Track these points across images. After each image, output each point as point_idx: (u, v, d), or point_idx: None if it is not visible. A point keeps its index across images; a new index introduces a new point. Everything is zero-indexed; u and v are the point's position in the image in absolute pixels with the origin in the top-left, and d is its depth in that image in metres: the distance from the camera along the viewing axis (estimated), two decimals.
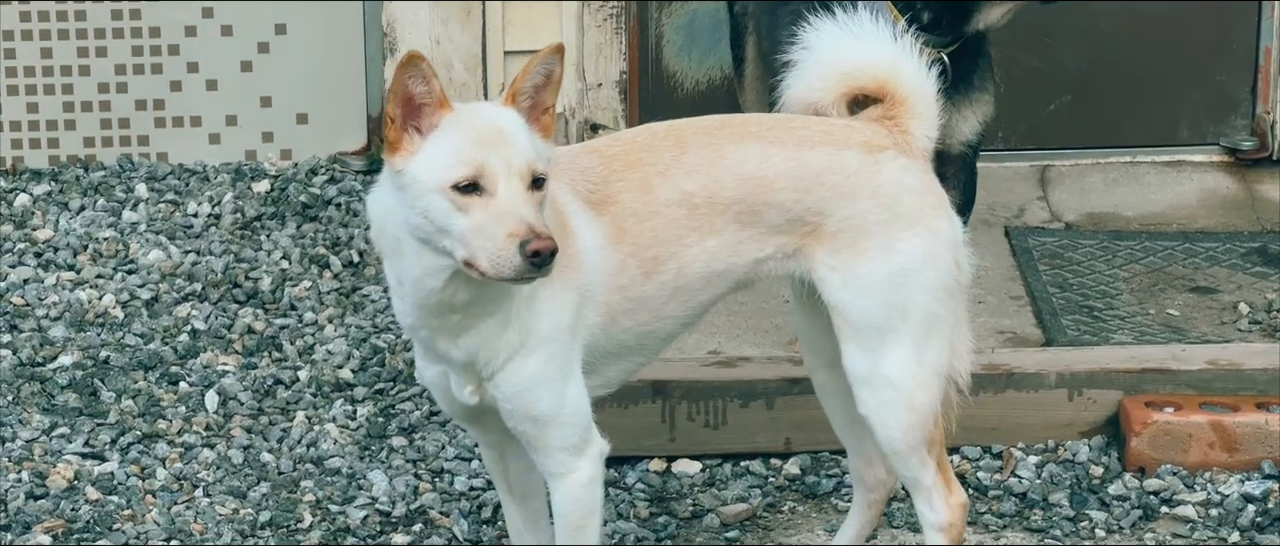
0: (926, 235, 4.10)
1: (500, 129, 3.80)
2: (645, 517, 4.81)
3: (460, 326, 3.92)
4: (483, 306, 3.89)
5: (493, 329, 3.92)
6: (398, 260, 3.90)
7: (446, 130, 3.80)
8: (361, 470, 4.96)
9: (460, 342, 3.94)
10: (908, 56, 4.14)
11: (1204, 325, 5.47)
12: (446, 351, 3.96)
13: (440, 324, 3.92)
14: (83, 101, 6.39)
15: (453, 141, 3.78)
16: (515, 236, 3.70)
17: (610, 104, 6.26)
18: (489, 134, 3.78)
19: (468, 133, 3.79)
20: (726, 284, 4.13)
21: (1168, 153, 6.41)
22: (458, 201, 3.74)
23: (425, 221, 3.78)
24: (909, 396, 4.12)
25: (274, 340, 5.51)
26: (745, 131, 4.12)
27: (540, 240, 3.69)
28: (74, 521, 4.76)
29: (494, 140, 3.77)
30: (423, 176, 3.78)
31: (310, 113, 6.43)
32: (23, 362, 5.37)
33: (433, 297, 3.88)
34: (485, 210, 3.73)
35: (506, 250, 3.70)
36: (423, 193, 3.77)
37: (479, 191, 3.75)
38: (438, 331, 3.94)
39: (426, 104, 3.81)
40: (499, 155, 3.76)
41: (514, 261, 3.70)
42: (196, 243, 5.93)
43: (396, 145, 3.82)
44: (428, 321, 3.93)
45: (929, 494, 4.23)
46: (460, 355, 3.96)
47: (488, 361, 3.95)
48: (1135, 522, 4.78)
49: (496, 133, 3.79)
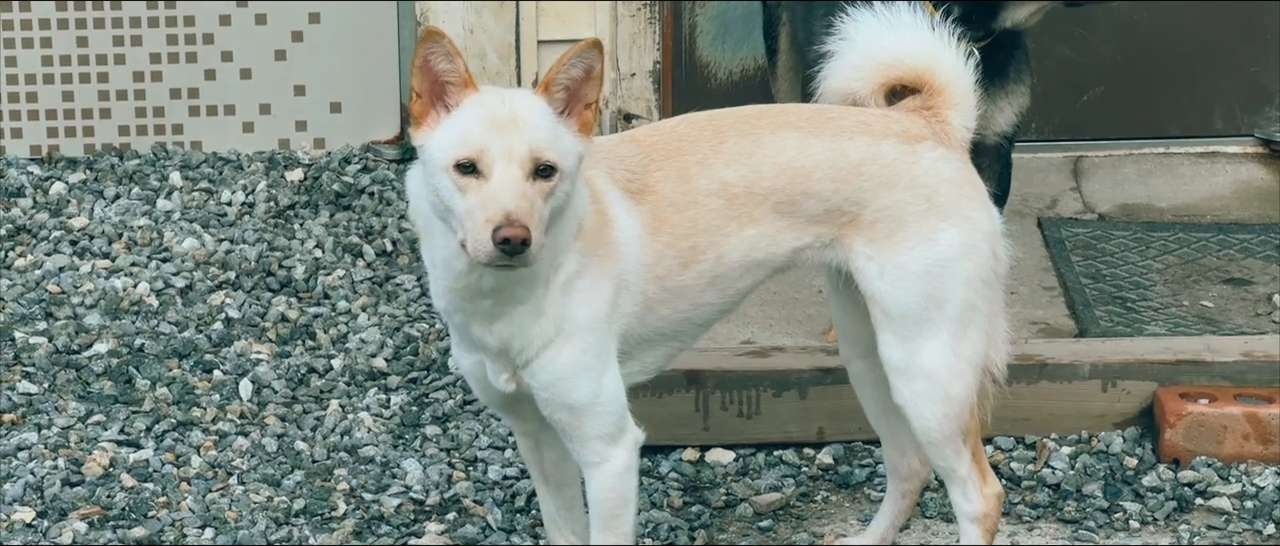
0: (964, 225, 4.10)
1: (514, 114, 3.79)
2: (679, 506, 4.81)
3: (492, 312, 3.92)
4: (512, 293, 3.90)
5: (525, 316, 3.93)
6: (430, 240, 3.92)
7: (463, 110, 3.82)
8: (395, 458, 4.97)
9: (494, 329, 3.94)
10: (946, 47, 4.13)
11: (1238, 317, 5.45)
12: (481, 337, 3.97)
13: (473, 308, 3.93)
14: (118, 90, 6.41)
15: (464, 122, 3.79)
16: (490, 222, 3.70)
17: (644, 94, 6.26)
18: (501, 118, 3.78)
19: (479, 114, 3.80)
20: (764, 272, 4.13)
21: (1202, 144, 6.39)
22: (459, 182, 3.76)
23: (437, 199, 3.81)
24: (945, 386, 4.12)
25: (308, 328, 5.52)
26: (783, 121, 4.12)
27: (511, 227, 3.68)
28: (109, 508, 4.78)
29: (503, 124, 3.77)
30: (434, 153, 3.80)
31: (344, 101, 6.45)
32: (58, 350, 5.40)
33: (460, 281, 3.89)
34: (478, 193, 3.74)
35: (483, 235, 3.70)
36: (435, 169, 3.80)
37: (477, 174, 3.75)
38: (471, 316, 3.94)
39: (452, 82, 3.82)
40: (502, 140, 3.76)
41: (487, 247, 3.70)
42: (230, 231, 5.95)
43: (419, 119, 3.85)
44: (461, 306, 3.94)
45: (964, 484, 4.23)
46: (494, 342, 3.96)
47: (521, 349, 3.96)
48: (1169, 514, 4.77)
49: (509, 118, 3.78)
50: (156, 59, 6.40)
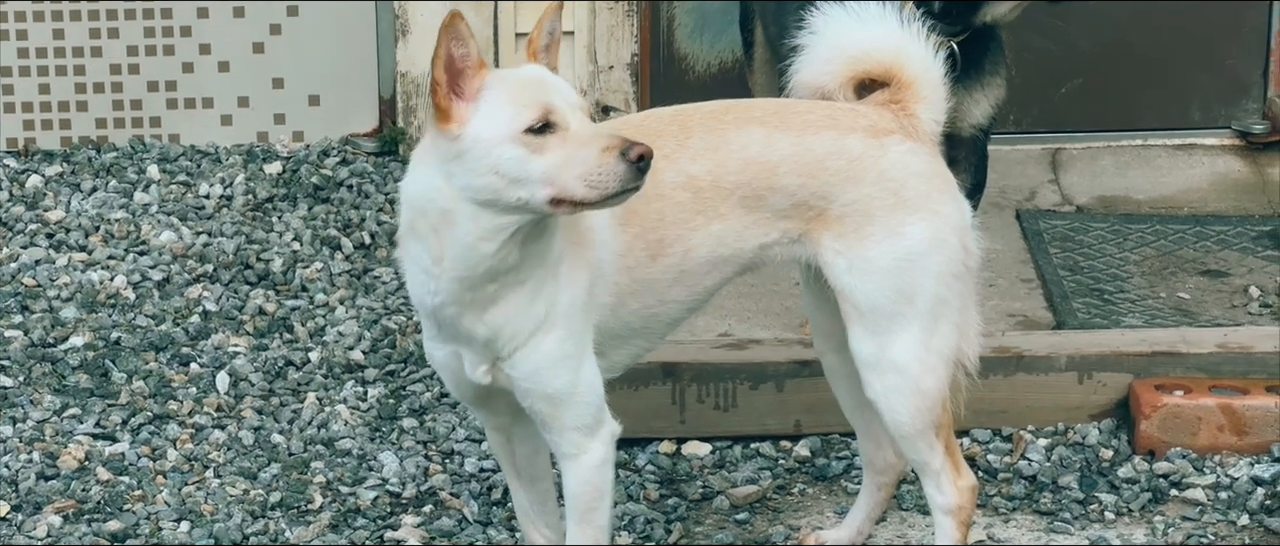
0: (933, 219, 4.10)
1: (543, 77, 3.86)
2: (655, 499, 4.81)
3: (493, 298, 3.91)
4: (522, 273, 3.89)
5: (522, 300, 3.92)
6: (443, 235, 3.85)
7: (496, 87, 3.81)
8: (372, 451, 4.97)
9: (487, 318, 3.93)
10: (914, 41, 4.13)
11: (1214, 308, 5.46)
12: (471, 328, 3.95)
13: (474, 298, 3.91)
14: (95, 83, 6.40)
15: (509, 92, 3.80)
16: (612, 149, 3.73)
17: (622, 86, 6.25)
18: (538, 81, 3.83)
19: (520, 82, 3.83)
20: (732, 268, 4.13)
21: (1179, 136, 6.40)
22: (532, 144, 3.76)
23: (496, 178, 3.77)
24: (916, 381, 4.12)
25: (285, 321, 5.52)
26: (749, 116, 4.12)
27: (638, 146, 3.74)
28: (85, 502, 4.77)
29: (546, 84, 3.83)
30: (488, 133, 3.78)
31: (322, 94, 6.44)
32: (34, 343, 5.39)
33: (484, 263, 3.85)
34: (564, 143, 3.76)
35: (606, 163, 3.73)
36: (490, 148, 3.77)
37: (552, 129, 3.77)
38: (468, 307, 3.92)
39: (466, 68, 3.81)
40: (558, 95, 3.81)
41: (618, 171, 3.73)
42: (208, 224, 5.94)
43: (447, 113, 3.81)
44: (461, 297, 3.91)
45: (937, 477, 4.23)
46: (485, 331, 3.94)
47: (511, 336, 3.95)
48: (1144, 505, 4.78)
49: (543, 79, 3.85)
50: (134, 51, 6.39)
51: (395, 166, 6.25)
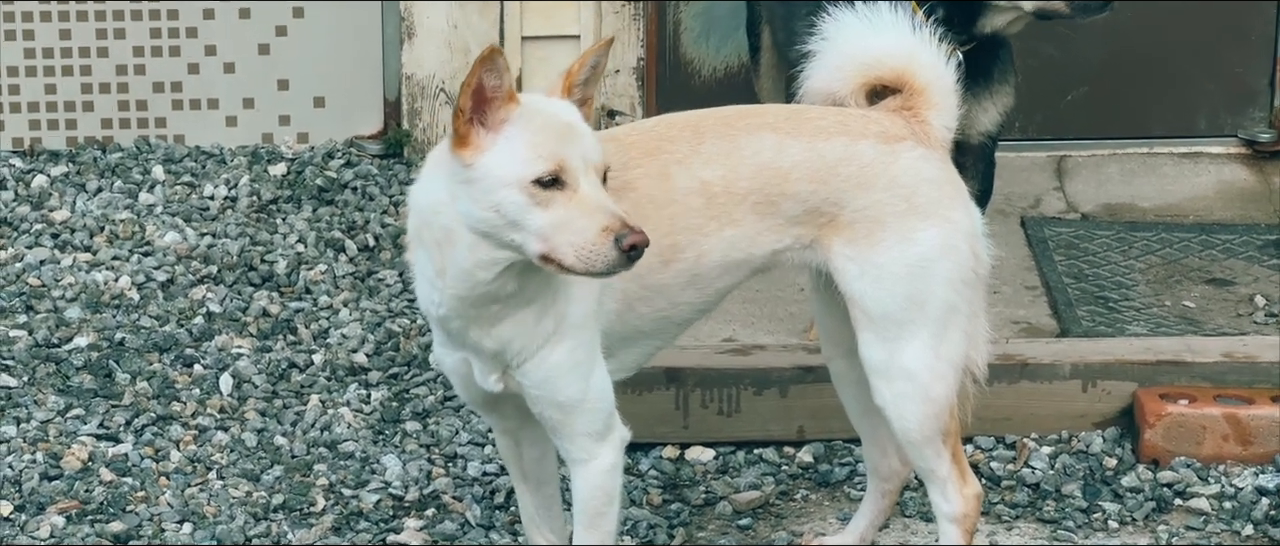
0: (944, 225, 4.10)
1: (571, 124, 3.79)
2: (658, 504, 4.81)
3: (497, 316, 3.90)
4: (526, 296, 3.88)
5: (529, 318, 3.91)
6: (445, 251, 3.84)
7: (520, 125, 3.76)
8: (375, 454, 4.97)
9: (494, 332, 3.92)
10: (926, 47, 4.13)
11: (1220, 317, 5.46)
12: (478, 341, 3.94)
13: (477, 314, 3.91)
14: (101, 83, 6.40)
15: (530, 136, 3.74)
16: (610, 231, 3.69)
17: (628, 90, 6.25)
18: (563, 129, 3.77)
19: (543, 127, 3.76)
20: (743, 273, 4.13)
21: (1185, 144, 6.40)
22: (538, 196, 3.72)
23: (495, 215, 3.75)
24: (925, 387, 4.12)
25: (289, 323, 5.52)
26: (762, 122, 4.11)
27: (635, 234, 3.69)
28: (88, 502, 4.77)
29: (569, 135, 3.76)
30: (498, 171, 3.74)
31: (327, 96, 6.44)
32: (38, 343, 5.39)
33: (479, 289, 3.85)
34: (568, 205, 3.71)
35: (601, 244, 3.68)
36: (496, 187, 3.73)
37: (560, 186, 3.73)
38: (473, 322, 3.92)
39: (495, 98, 3.76)
40: (577, 150, 3.75)
41: (608, 256, 3.69)
42: (212, 225, 5.94)
43: (466, 139, 3.77)
44: (464, 312, 3.91)
45: (943, 484, 4.23)
46: (492, 344, 3.94)
47: (520, 350, 3.94)
48: (1148, 514, 4.77)
49: (569, 128, 3.78)
50: (140, 52, 6.39)
51: (400, 169, 6.24)
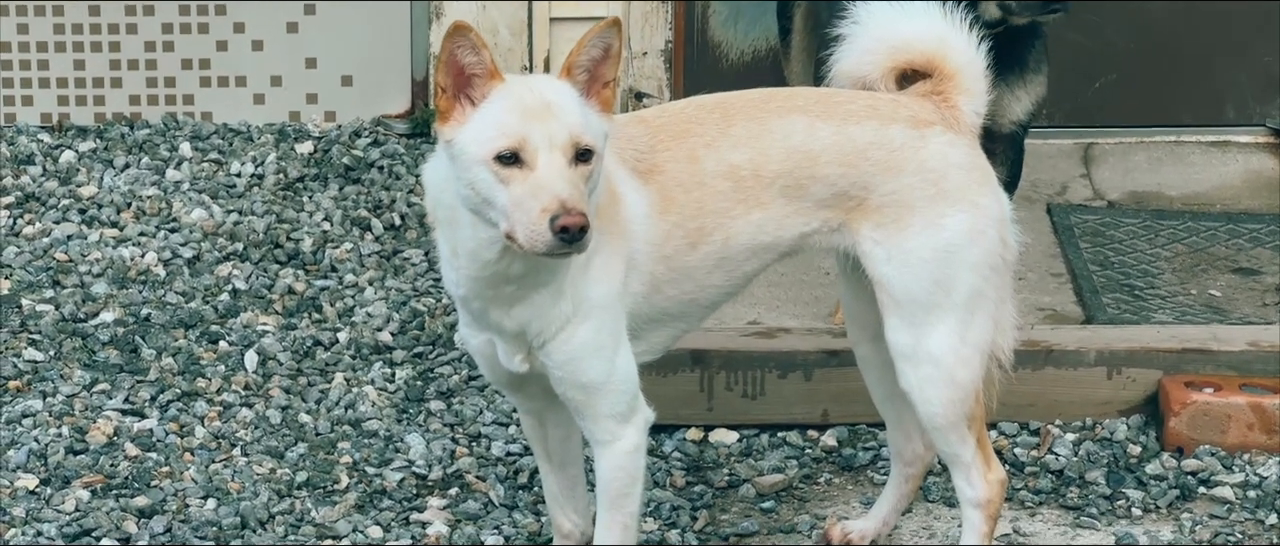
0: (972, 211, 4.09)
1: (547, 101, 3.78)
2: (681, 486, 4.81)
3: (514, 297, 3.92)
4: (537, 277, 3.89)
5: (546, 299, 3.92)
6: (453, 231, 3.89)
7: (494, 101, 3.79)
8: (399, 433, 4.98)
9: (513, 313, 3.94)
10: (957, 32, 4.13)
11: (1245, 306, 5.45)
12: (499, 322, 3.96)
13: (494, 295, 3.92)
14: (129, 60, 6.41)
15: (497, 113, 3.77)
16: (547, 211, 3.68)
17: (655, 73, 6.25)
18: (535, 106, 3.77)
19: (514, 104, 3.77)
20: (772, 256, 4.13)
21: (1213, 133, 6.39)
22: (500, 173, 3.74)
23: (473, 193, 3.78)
24: (951, 372, 4.12)
25: (314, 301, 5.52)
26: (791, 105, 4.11)
27: (568, 215, 3.67)
28: (113, 477, 4.78)
29: (539, 112, 3.76)
30: (469, 147, 3.77)
31: (355, 75, 6.44)
32: (65, 318, 5.40)
33: (488, 269, 3.87)
34: (525, 183, 3.72)
35: (540, 225, 3.68)
36: (470, 163, 3.77)
37: (520, 164, 3.74)
38: (491, 302, 3.94)
39: (477, 74, 3.79)
40: (542, 128, 3.74)
41: (546, 236, 3.68)
42: (239, 203, 5.95)
43: (446, 115, 3.81)
44: (481, 293, 3.92)
45: (968, 470, 4.23)
46: (512, 325, 3.95)
47: (540, 331, 3.95)
48: (1172, 502, 4.77)
49: (543, 105, 3.77)
50: (168, 29, 6.40)
51: (427, 148, 6.25)
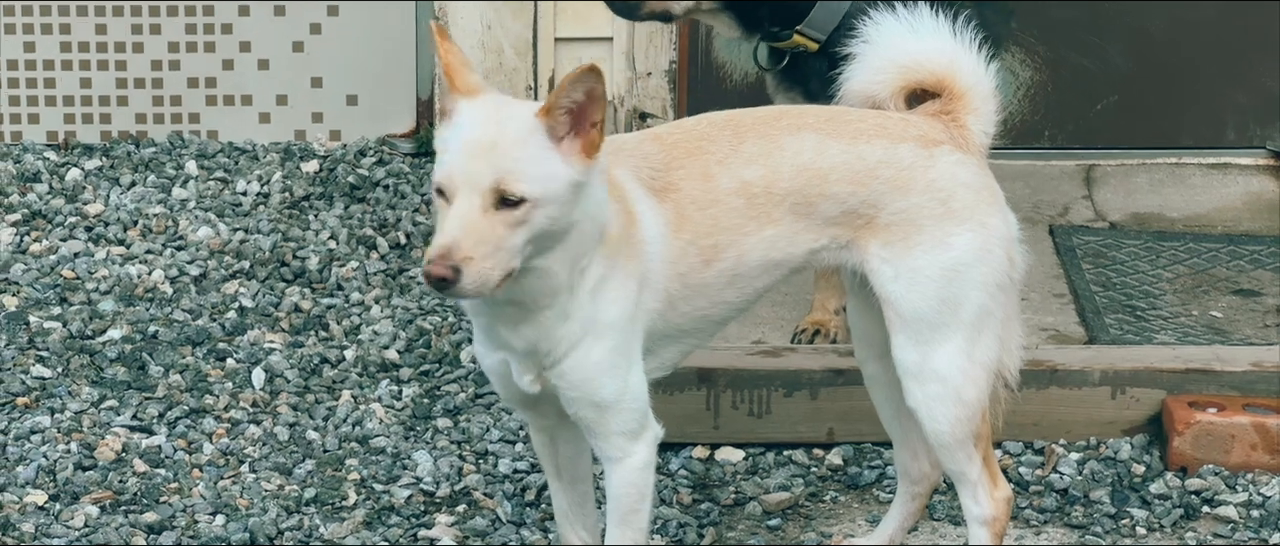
0: (980, 230, 4.12)
1: (492, 139, 3.75)
2: (688, 503, 4.83)
3: (517, 317, 3.94)
4: (534, 300, 3.90)
5: (551, 321, 3.94)
6: None
7: (453, 125, 3.81)
8: (406, 450, 5.00)
9: (520, 332, 3.95)
10: (967, 52, 4.15)
11: (1247, 327, 5.47)
12: (507, 339, 3.98)
13: (496, 313, 3.94)
14: (136, 78, 6.43)
15: (448, 141, 3.78)
16: (428, 254, 3.70)
17: (659, 93, 6.27)
18: (477, 141, 3.75)
19: (462, 134, 3.77)
20: (782, 272, 4.15)
21: (1214, 155, 6.40)
22: (438, 202, 3.78)
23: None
24: (958, 390, 4.14)
25: (320, 319, 5.55)
26: (802, 123, 4.13)
27: (435, 264, 3.67)
28: (121, 493, 4.80)
29: (477, 149, 3.74)
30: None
31: (360, 94, 6.47)
32: (73, 335, 5.42)
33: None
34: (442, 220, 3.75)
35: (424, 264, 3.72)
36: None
37: (445, 200, 3.75)
38: (495, 320, 3.96)
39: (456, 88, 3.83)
40: (471, 167, 3.72)
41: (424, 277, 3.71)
42: (245, 221, 5.97)
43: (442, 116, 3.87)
44: (487, 310, 3.95)
45: (974, 488, 4.25)
46: (521, 344, 3.97)
47: (549, 351, 3.97)
48: (1176, 522, 4.78)
49: (489, 142, 3.75)
50: (175, 48, 6.42)
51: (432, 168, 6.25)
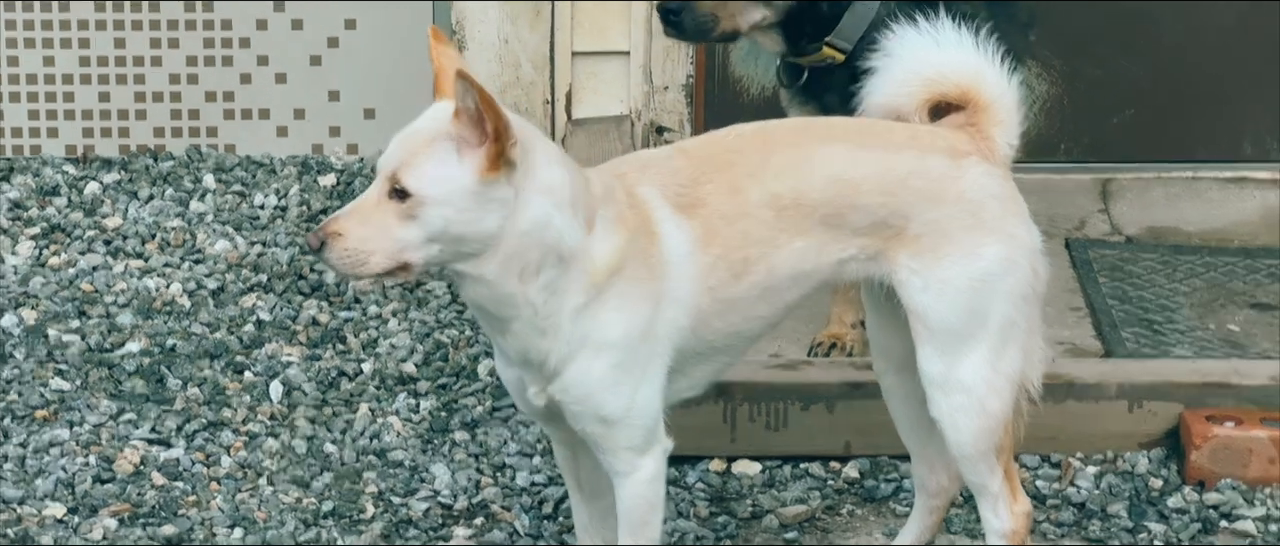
0: (1007, 241, 4.13)
1: (410, 132, 3.90)
2: (705, 516, 4.83)
3: (496, 326, 3.98)
4: (497, 309, 3.93)
5: (528, 335, 3.95)
6: None
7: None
8: (424, 463, 5.00)
9: (507, 341, 3.99)
10: (991, 64, 4.16)
11: (1264, 341, 5.46)
12: (504, 348, 4.02)
13: (483, 322, 4.03)
14: (154, 92, 6.45)
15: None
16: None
17: (676, 107, 6.28)
18: (404, 132, 3.91)
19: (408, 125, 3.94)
20: (811, 284, 4.15)
21: (1231, 168, 6.39)
22: None
23: None
24: (982, 401, 4.14)
25: (338, 332, 5.56)
26: (831, 134, 4.14)
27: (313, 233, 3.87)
28: (140, 505, 4.81)
29: (398, 140, 3.90)
30: None
31: (377, 108, 6.48)
32: (91, 348, 5.43)
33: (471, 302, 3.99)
34: None
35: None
36: None
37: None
38: (487, 329, 4.04)
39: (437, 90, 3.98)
40: (387, 154, 3.90)
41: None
42: (262, 234, 5.98)
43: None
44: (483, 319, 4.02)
45: (995, 501, 4.25)
46: (514, 354, 4.01)
47: (541, 363, 3.98)
48: (1194, 536, 4.78)
49: (407, 134, 3.90)
50: (193, 62, 6.44)
51: None
